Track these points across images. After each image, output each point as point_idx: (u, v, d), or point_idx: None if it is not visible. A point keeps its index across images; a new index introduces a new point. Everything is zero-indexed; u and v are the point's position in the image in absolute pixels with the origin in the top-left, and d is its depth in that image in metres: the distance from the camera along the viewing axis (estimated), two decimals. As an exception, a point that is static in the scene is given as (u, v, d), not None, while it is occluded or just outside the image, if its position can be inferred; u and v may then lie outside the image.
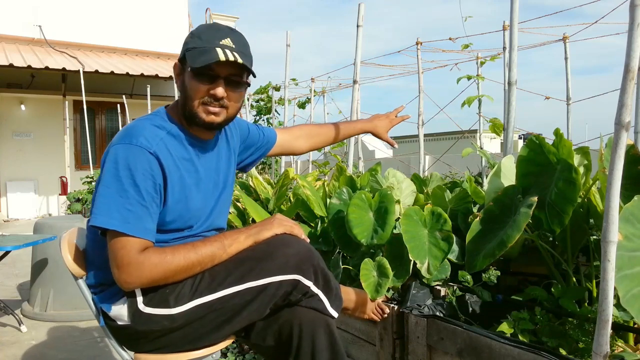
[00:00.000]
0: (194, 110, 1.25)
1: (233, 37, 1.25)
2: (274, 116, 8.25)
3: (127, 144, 1.17)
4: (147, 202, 1.16)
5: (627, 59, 0.96)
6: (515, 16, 2.08)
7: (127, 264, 1.12)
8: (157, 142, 1.20)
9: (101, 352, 2.57)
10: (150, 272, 1.13)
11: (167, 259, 1.14)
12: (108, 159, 1.17)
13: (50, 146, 10.14)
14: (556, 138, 1.47)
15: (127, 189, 1.14)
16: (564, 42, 5.08)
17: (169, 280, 1.16)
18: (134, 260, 1.12)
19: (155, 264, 1.13)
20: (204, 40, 1.22)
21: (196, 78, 1.22)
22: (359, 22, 3.15)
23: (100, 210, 1.14)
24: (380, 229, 1.74)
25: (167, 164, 1.21)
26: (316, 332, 1.20)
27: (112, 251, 1.15)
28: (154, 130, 1.23)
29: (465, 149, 2.40)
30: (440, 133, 12.99)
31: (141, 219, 1.15)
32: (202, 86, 1.23)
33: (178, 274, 1.16)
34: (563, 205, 1.40)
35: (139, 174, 1.15)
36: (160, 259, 1.14)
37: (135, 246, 1.13)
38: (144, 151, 1.17)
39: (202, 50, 1.21)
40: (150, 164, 1.17)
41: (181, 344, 1.22)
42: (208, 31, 1.25)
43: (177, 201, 1.23)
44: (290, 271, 1.18)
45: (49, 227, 3.27)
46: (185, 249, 1.17)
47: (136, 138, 1.18)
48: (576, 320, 1.38)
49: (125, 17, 10.61)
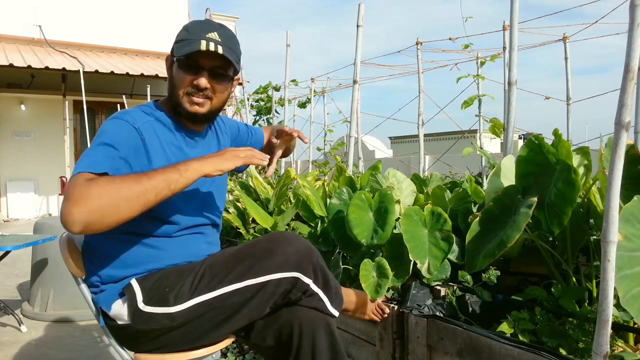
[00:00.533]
0: (179, 99, 1.29)
1: (220, 32, 1.28)
2: (274, 116, 8.24)
3: (113, 119, 1.24)
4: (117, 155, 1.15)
5: (627, 59, 0.96)
6: (515, 16, 2.08)
7: (72, 193, 1.02)
8: (143, 122, 1.26)
9: (101, 352, 2.57)
10: (96, 198, 1.02)
11: (114, 182, 1.06)
12: (97, 132, 1.22)
13: (50, 146, 10.14)
14: (555, 138, 1.47)
15: (100, 145, 1.16)
16: (564, 42, 5.09)
17: (121, 212, 1.04)
18: (79, 187, 1.03)
19: (100, 190, 1.03)
20: (191, 33, 1.27)
21: (181, 68, 1.27)
22: (359, 22, 3.15)
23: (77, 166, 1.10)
24: (380, 229, 1.74)
25: (151, 143, 1.24)
26: (316, 331, 1.20)
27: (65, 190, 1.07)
28: (142, 114, 1.29)
29: (465, 149, 2.40)
30: (440, 133, 13.00)
31: (107, 157, 1.13)
32: (186, 76, 1.27)
33: (128, 202, 1.05)
34: (562, 206, 1.40)
35: (117, 140, 1.18)
36: (105, 183, 1.05)
37: (85, 176, 1.07)
38: (127, 124, 1.22)
39: (187, 41, 1.25)
40: (130, 136, 1.21)
41: (181, 343, 1.22)
42: (197, 25, 1.29)
43: None
44: (290, 269, 1.18)
45: (49, 227, 3.27)
46: (135, 174, 1.11)
47: (122, 115, 1.25)
48: (576, 320, 1.38)
49: (125, 17, 10.60)
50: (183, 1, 11.57)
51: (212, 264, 1.21)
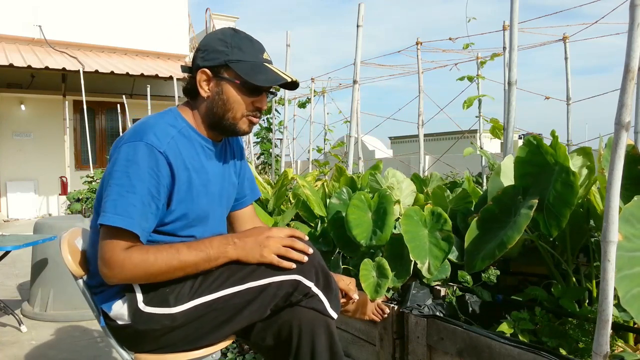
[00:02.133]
0: (236, 121, 1.27)
1: (265, 50, 1.30)
2: (274, 116, 8.24)
3: (138, 142, 1.17)
4: (150, 200, 1.16)
5: (627, 59, 0.96)
6: (515, 16, 2.08)
7: (109, 259, 1.13)
8: (167, 141, 1.20)
9: (101, 352, 2.57)
10: (130, 271, 1.13)
11: (149, 260, 1.14)
12: (119, 157, 1.17)
13: (50, 146, 10.14)
14: (552, 140, 1.47)
15: (134, 183, 1.14)
16: (564, 42, 5.08)
17: (151, 281, 1.17)
18: (115, 257, 1.12)
19: (135, 264, 1.13)
20: (247, 53, 1.25)
21: (244, 91, 1.24)
22: (359, 22, 3.15)
23: (108, 208, 1.14)
24: (379, 230, 1.74)
25: (176, 164, 1.21)
26: (316, 332, 1.20)
27: (101, 242, 1.15)
28: (166, 128, 1.23)
29: (466, 149, 2.40)
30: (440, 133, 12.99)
31: (142, 216, 1.15)
32: (249, 99, 1.26)
33: (159, 277, 1.16)
34: (561, 208, 1.40)
35: (146, 171, 1.15)
36: (141, 259, 1.13)
37: (122, 242, 1.13)
38: (153, 149, 1.17)
39: (254, 65, 1.24)
40: (158, 163, 1.17)
41: (181, 343, 1.22)
42: (244, 42, 1.26)
43: (181, 201, 1.23)
44: (291, 271, 1.18)
45: (49, 227, 3.27)
46: (168, 253, 1.15)
47: (147, 136, 1.18)
48: (576, 320, 1.38)
49: (125, 17, 10.60)
50: (183, 1, 11.57)
51: None
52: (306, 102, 9.11)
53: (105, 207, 1.14)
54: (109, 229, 1.14)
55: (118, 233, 1.13)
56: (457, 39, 4.61)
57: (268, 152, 9.23)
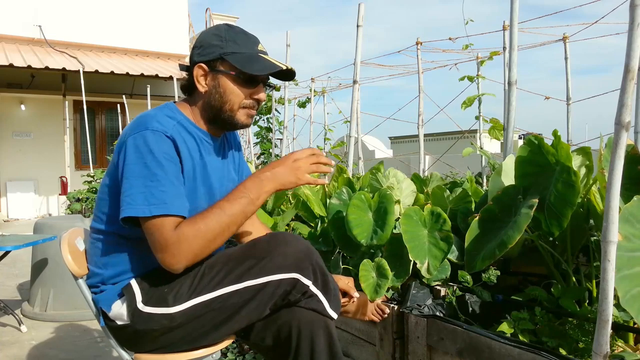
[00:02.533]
0: (233, 113, 1.27)
1: (260, 42, 1.31)
2: (274, 116, 8.24)
3: (144, 130, 1.17)
4: (175, 181, 1.17)
5: (627, 59, 0.96)
6: (515, 16, 2.08)
7: (166, 246, 1.12)
8: (171, 127, 1.21)
9: (101, 352, 2.57)
10: (190, 246, 1.12)
11: (201, 229, 1.14)
12: (128, 150, 1.16)
13: (50, 146, 10.14)
14: (554, 139, 1.47)
15: (155, 172, 1.14)
16: (564, 42, 5.08)
17: (212, 248, 1.16)
18: (170, 240, 1.12)
19: (191, 237, 1.12)
20: (242, 46, 1.26)
21: (240, 82, 1.25)
22: (359, 22, 3.15)
23: (136, 200, 1.13)
24: (379, 229, 1.74)
25: (182, 150, 1.22)
26: (315, 333, 1.20)
27: (149, 237, 1.15)
28: (165, 118, 1.24)
29: (466, 149, 2.40)
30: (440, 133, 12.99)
31: (175, 196, 1.16)
32: (246, 90, 1.26)
33: (218, 239, 1.16)
34: (562, 208, 1.40)
35: (162, 155, 1.16)
36: (194, 230, 1.13)
37: (169, 225, 1.13)
38: (161, 134, 1.17)
39: (249, 55, 1.24)
40: (169, 147, 1.18)
41: (181, 343, 1.22)
42: (239, 35, 1.27)
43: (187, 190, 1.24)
44: (289, 270, 1.18)
45: (49, 227, 3.27)
46: (214, 214, 1.16)
47: (150, 124, 1.18)
48: (576, 320, 1.38)
49: (125, 17, 10.60)
50: (183, 1, 11.57)
51: (212, 265, 1.21)
52: (306, 102, 9.11)
53: (135, 201, 1.13)
54: (150, 221, 1.14)
55: (160, 222, 1.13)
56: (457, 39, 4.62)
57: (268, 152, 9.22)
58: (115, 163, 1.22)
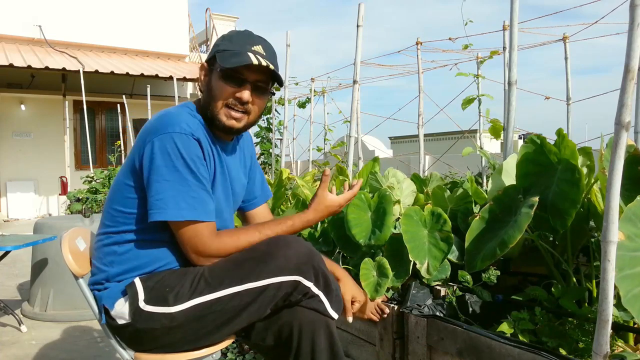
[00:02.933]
0: (216, 111, 1.26)
1: (264, 45, 1.28)
2: (274, 116, 8.24)
3: (172, 132, 1.17)
4: (205, 185, 1.20)
5: (627, 59, 0.96)
6: (515, 16, 2.08)
7: (207, 251, 1.19)
8: (196, 128, 1.22)
9: (101, 352, 2.57)
10: (226, 252, 1.22)
11: (240, 241, 1.22)
12: (155, 151, 1.17)
13: (50, 146, 10.14)
14: (558, 138, 1.46)
15: (186, 177, 1.16)
16: (564, 42, 5.08)
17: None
18: (211, 247, 1.19)
19: (231, 247, 1.22)
20: (235, 44, 1.25)
21: (224, 79, 1.24)
22: (358, 22, 3.15)
23: (167, 204, 1.15)
24: (378, 229, 1.74)
25: (206, 151, 1.23)
26: (316, 333, 1.20)
27: (185, 240, 1.19)
28: (190, 117, 1.24)
29: (465, 149, 2.40)
30: (440, 133, 12.99)
31: (205, 202, 1.19)
32: (228, 88, 1.24)
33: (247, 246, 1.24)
34: (565, 206, 1.40)
35: (192, 159, 1.18)
36: (235, 242, 1.22)
37: (206, 232, 1.18)
38: (189, 137, 1.18)
39: (234, 52, 1.23)
40: (197, 149, 1.20)
41: (181, 343, 1.22)
42: (240, 36, 1.28)
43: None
44: (291, 272, 1.18)
45: (49, 227, 3.26)
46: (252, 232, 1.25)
47: (179, 125, 1.19)
48: (576, 320, 1.38)
49: (125, 17, 10.60)
50: (183, 1, 11.57)
51: (213, 266, 1.21)
52: (306, 102, 9.11)
53: (167, 205, 1.15)
54: (184, 227, 1.17)
55: (194, 227, 1.17)
56: (457, 39, 4.61)
57: (268, 152, 9.22)
58: (137, 161, 1.22)
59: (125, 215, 1.25)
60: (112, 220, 1.27)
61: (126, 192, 1.25)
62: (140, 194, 1.22)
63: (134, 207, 1.24)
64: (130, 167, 1.24)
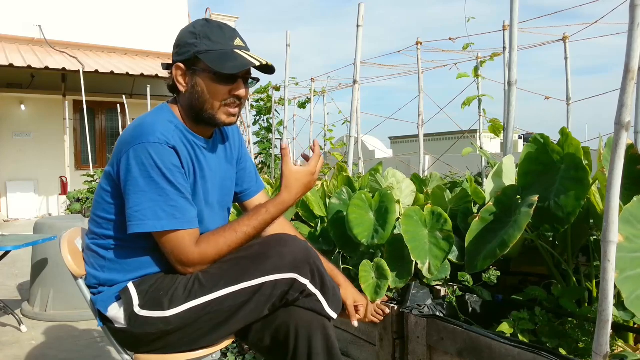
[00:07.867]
0: (214, 112, 1.25)
1: (239, 36, 1.27)
2: (274, 116, 8.24)
3: (146, 143, 1.16)
4: (184, 192, 1.19)
5: (627, 59, 0.96)
6: (515, 16, 2.08)
7: (190, 261, 1.18)
8: (172, 135, 1.21)
9: (101, 352, 2.57)
10: (211, 259, 1.20)
11: (220, 245, 1.20)
12: (131, 162, 1.16)
13: (50, 146, 10.14)
14: (562, 137, 1.46)
15: (164, 186, 1.15)
16: (564, 42, 5.08)
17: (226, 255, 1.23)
18: (193, 256, 1.18)
19: (212, 254, 1.20)
20: (216, 42, 1.22)
21: (218, 80, 1.22)
22: (358, 22, 3.15)
23: (146, 215, 1.14)
24: (381, 228, 1.74)
25: (183, 157, 1.22)
26: (312, 334, 1.19)
27: (168, 251, 1.18)
28: (165, 124, 1.23)
29: (465, 149, 2.40)
30: (440, 133, 12.98)
31: (185, 210, 1.18)
32: (224, 88, 1.23)
33: (232, 249, 1.22)
34: (569, 203, 1.39)
35: (168, 168, 1.16)
36: (215, 248, 1.19)
37: (188, 240, 1.17)
38: (164, 146, 1.17)
39: (222, 53, 1.21)
40: (173, 157, 1.18)
41: (179, 345, 1.22)
42: (214, 31, 1.24)
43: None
44: (286, 270, 1.17)
45: (49, 227, 3.27)
46: (229, 233, 1.22)
47: (153, 135, 1.17)
48: (576, 320, 1.38)
49: (125, 17, 10.60)
50: (183, 1, 11.57)
51: (207, 267, 1.21)
52: (306, 102, 9.11)
53: (145, 216, 1.15)
54: (165, 236, 1.16)
55: (175, 236, 1.16)
56: (457, 39, 4.60)
57: (267, 152, 9.22)
58: (113, 170, 1.21)
59: (108, 222, 1.25)
60: (96, 226, 1.28)
61: (106, 198, 1.25)
62: (118, 202, 1.22)
63: (114, 214, 1.24)
64: (108, 174, 1.24)
